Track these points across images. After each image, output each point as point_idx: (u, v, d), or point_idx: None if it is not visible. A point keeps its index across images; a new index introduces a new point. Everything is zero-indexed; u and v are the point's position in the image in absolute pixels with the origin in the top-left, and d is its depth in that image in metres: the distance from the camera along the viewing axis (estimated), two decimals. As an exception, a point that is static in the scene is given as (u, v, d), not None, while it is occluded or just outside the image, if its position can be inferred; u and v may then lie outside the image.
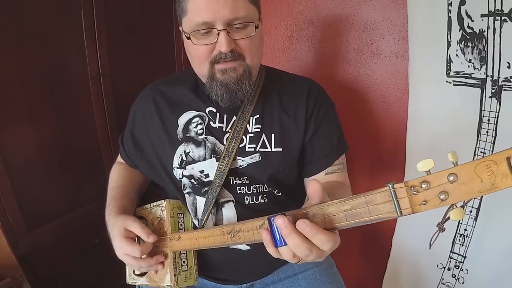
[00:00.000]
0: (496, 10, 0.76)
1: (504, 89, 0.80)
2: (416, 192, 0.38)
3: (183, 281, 0.69)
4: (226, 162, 0.70)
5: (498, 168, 0.34)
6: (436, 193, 0.37)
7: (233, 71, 0.65)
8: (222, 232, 0.57)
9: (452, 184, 0.36)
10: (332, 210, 0.44)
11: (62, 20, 0.93)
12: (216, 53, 0.63)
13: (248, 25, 0.63)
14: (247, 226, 0.52)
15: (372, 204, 0.41)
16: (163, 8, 1.24)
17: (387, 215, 0.40)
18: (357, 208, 0.42)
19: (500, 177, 0.34)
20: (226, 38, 0.61)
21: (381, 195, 0.40)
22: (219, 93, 0.66)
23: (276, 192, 0.74)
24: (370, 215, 0.41)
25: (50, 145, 0.97)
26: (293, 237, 0.43)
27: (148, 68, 1.20)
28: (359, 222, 0.42)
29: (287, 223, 0.43)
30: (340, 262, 0.89)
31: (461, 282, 0.96)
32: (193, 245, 0.64)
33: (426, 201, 0.38)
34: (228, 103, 0.68)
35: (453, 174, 0.36)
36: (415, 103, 0.95)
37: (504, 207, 0.85)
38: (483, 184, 0.34)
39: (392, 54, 1.00)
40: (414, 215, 0.39)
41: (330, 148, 0.75)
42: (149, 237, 0.64)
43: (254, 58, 0.68)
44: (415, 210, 0.38)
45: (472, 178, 0.35)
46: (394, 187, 0.39)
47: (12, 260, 0.90)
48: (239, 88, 0.66)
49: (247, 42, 0.64)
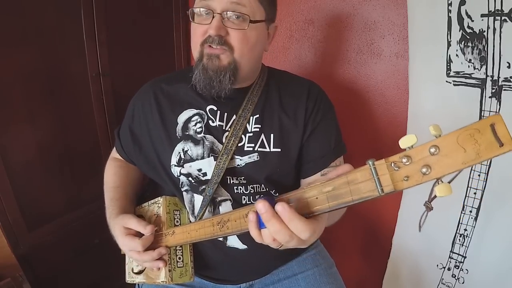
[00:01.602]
0: (496, 10, 0.76)
1: (504, 89, 0.80)
2: (397, 168, 0.36)
3: (178, 277, 0.69)
4: (224, 159, 0.70)
5: (482, 137, 0.32)
6: (418, 167, 0.35)
7: (216, 58, 0.65)
8: (212, 223, 0.57)
9: (434, 157, 0.34)
10: (314, 192, 0.43)
11: (62, 20, 0.93)
12: (207, 36, 0.65)
13: (245, 19, 0.64)
14: (234, 215, 0.52)
15: (353, 183, 0.39)
16: (163, 8, 1.24)
17: (368, 194, 0.38)
18: (339, 189, 0.40)
19: (485, 146, 0.31)
20: (217, 22, 0.63)
21: (362, 174, 0.39)
22: (197, 77, 0.67)
23: (274, 193, 0.74)
24: (352, 195, 0.39)
25: (50, 145, 0.97)
26: (273, 222, 0.43)
27: (148, 68, 1.20)
28: (341, 203, 0.40)
29: (267, 208, 0.43)
30: (340, 262, 0.89)
31: (461, 282, 0.96)
32: (186, 239, 0.64)
33: (408, 176, 0.36)
34: (203, 90, 0.68)
35: (434, 146, 0.34)
36: (415, 103, 0.95)
37: (504, 207, 0.85)
38: (467, 154, 0.32)
39: (392, 54, 1.00)
40: (414, 215, 0.39)
41: (327, 149, 0.75)
42: (146, 228, 0.65)
43: (244, 55, 0.67)
44: (397, 186, 0.36)
45: (455, 149, 0.33)
46: (374, 164, 0.37)
47: (12, 260, 0.90)
48: (216, 78, 0.66)
49: (238, 34, 0.65)
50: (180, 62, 1.35)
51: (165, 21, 1.26)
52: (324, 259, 0.85)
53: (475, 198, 0.89)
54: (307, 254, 0.84)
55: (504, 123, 0.31)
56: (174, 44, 1.31)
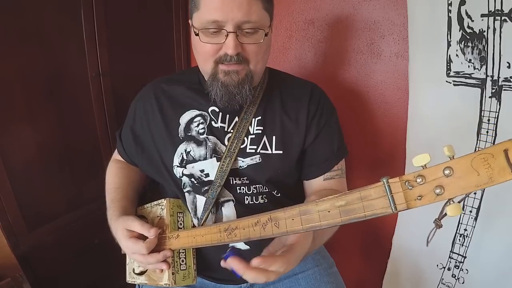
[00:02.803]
0: (496, 10, 0.76)
1: (504, 89, 0.80)
2: (411, 187, 0.37)
3: (181, 280, 0.69)
4: (227, 162, 0.70)
5: (496, 161, 0.32)
6: (432, 187, 0.36)
7: (235, 74, 0.65)
8: (218, 230, 0.57)
9: (448, 178, 0.35)
10: (327, 206, 0.43)
11: (62, 20, 0.93)
12: (222, 54, 0.63)
13: (257, 31, 0.63)
14: (243, 223, 0.52)
15: (367, 199, 0.40)
16: (163, 8, 1.24)
17: (382, 211, 0.39)
18: (351, 204, 0.41)
19: (498, 170, 0.32)
20: (234, 41, 0.61)
21: (376, 190, 0.39)
22: (218, 94, 0.66)
23: (275, 193, 0.74)
24: (365, 211, 0.40)
25: (50, 145, 0.96)
26: (247, 274, 0.46)
27: (148, 68, 1.20)
28: (353, 218, 0.41)
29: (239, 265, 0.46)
30: (340, 262, 0.90)
31: (461, 282, 0.96)
32: (191, 243, 0.64)
33: (421, 196, 0.36)
34: (226, 104, 0.68)
35: (449, 168, 0.35)
36: (415, 103, 0.95)
37: (504, 207, 0.85)
38: (480, 178, 0.33)
39: (392, 54, 1.00)
40: (414, 215, 0.39)
41: (330, 154, 0.75)
42: (150, 231, 0.64)
43: (259, 64, 0.67)
44: (410, 205, 0.37)
45: (468, 172, 0.34)
46: (388, 181, 0.38)
47: (12, 260, 0.89)
48: (238, 91, 0.66)
49: (254, 48, 0.64)
50: (180, 62, 1.35)
51: (165, 21, 1.26)
52: (325, 258, 0.85)
53: (475, 198, 0.89)
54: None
55: None
56: (174, 44, 1.31)
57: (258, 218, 0.49)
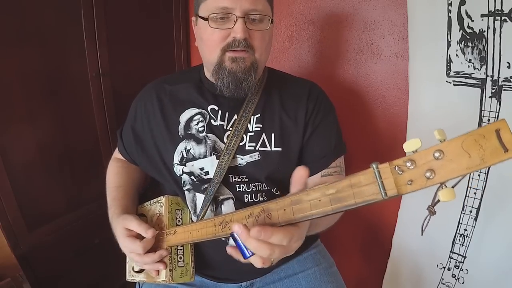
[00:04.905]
0: (496, 10, 0.76)
1: (504, 89, 0.80)
2: (401, 172, 0.36)
3: (178, 277, 0.69)
4: (226, 159, 0.70)
5: (487, 142, 0.31)
6: (422, 171, 0.35)
7: (242, 60, 0.66)
8: (213, 224, 0.56)
9: (439, 161, 0.34)
10: (317, 195, 0.43)
11: (62, 20, 0.93)
12: (230, 40, 0.65)
13: (263, 20, 0.66)
14: (236, 216, 0.52)
15: (357, 186, 0.39)
16: (163, 8, 1.24)
17: (372, 197, 0.38)
18: (342, 192, 0.40)
19: (490, 151, 0.31)
20: (242, 25, 0.63)
21: (365, 177, 0.38)
22: (225, 81, 0.67)
23: (275, 191, 0.74)
24: (355, 198, 0.39)
25: (50, 145, 0.97)
26: (249, 241, 0.44)
27: (148, 68, 1.21)
28: (344, 206, 0.40)
29: (242, 230, 0.45)
30: (340, 262, 0.90)
31: (461, 282, 0.96)
32: (187, 238, 0.64)
33: (412, 180, 0.35)
34: (232, 92, 0.69)
35: (439, 151, 0.34)
36: (415, 103, 0.95)
37: (504, 207, 0.85)
38: (471, 159, 0.32)
39: (392, 54, 1.00)
40: (414, 215, 0.39)
41: (327, 150, 0.75)
42: (147, 232, 0.65)
43: (263, 54, 0.69)
44: (401, 190, 0.36)
45: (459, 154, 0.33)
46: (378, 167, 0.37)
47: (12, 260, 0.90)
48: (245, 78, 0.67)
49: (260, 35, 0.67)
50: (180, 62, 1.35)
51: (165, 21, 1.26)
52: (325, 258, 0.85)
53: (475, 198, 0.89)
54: (307, 253, 0.84)
55: (509, 128, 0.31)
56: (174, 44, 1.31)
57: (252, 210, 0.49)
